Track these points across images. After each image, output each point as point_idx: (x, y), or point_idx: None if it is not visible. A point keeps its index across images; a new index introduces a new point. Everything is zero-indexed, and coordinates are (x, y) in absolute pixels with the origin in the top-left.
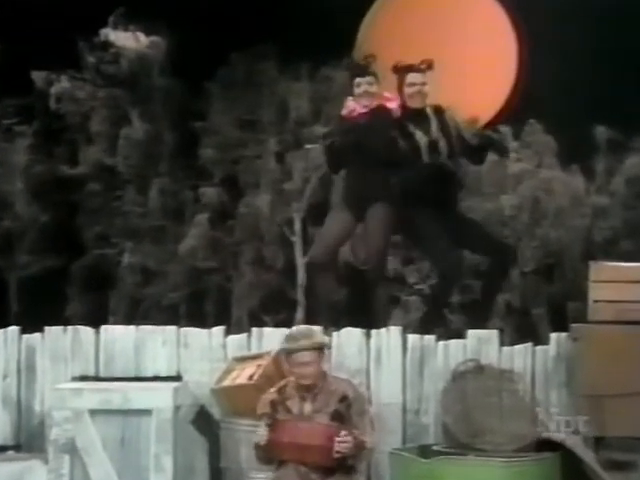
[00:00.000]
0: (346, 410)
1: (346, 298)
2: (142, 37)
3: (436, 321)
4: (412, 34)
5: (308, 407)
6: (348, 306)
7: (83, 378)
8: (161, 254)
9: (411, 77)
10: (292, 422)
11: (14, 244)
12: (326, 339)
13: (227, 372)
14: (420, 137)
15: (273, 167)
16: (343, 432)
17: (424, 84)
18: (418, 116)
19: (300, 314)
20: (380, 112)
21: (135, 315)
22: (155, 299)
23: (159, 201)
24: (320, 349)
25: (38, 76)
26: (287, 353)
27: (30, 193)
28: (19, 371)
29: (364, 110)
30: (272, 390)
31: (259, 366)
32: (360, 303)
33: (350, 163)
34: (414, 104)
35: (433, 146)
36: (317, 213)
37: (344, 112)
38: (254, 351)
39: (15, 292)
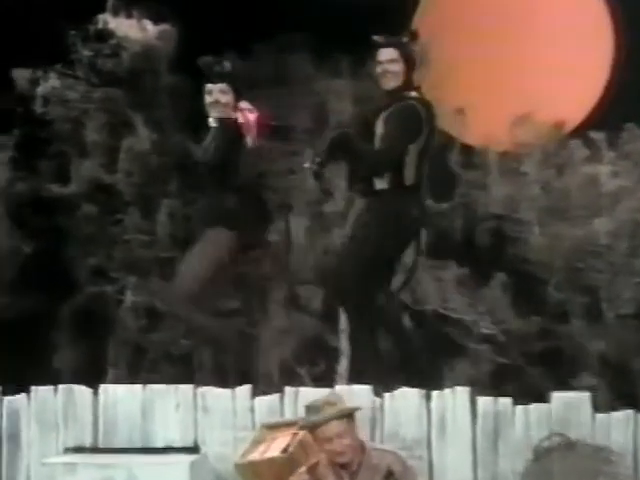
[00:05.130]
0: None
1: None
2: (149, 25)
3: (511, 377)
4: (482, 25)
5: None
6: (403, 359)
7: (78, 450)
8: (171, 292)
9: (380, 54)
10: None
11: None
12: (356, 404)
13: (255, 443)
14: (378, 127)
15: (309, 185)
16: None
17: (392, 61)
18: (387, 101)
19: (343, 366)
20: (229, 127)
21: (140, 367)
22: (164, 348)
23: (168, 227)
24: (350, 416)
25: (20, 74)
26: (312, 428)
27: (9, 218)
28: (0, 441)
29: (215, 124)
30: (301, 470)
31: (295, 435)
32: (418, 355)
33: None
34: (385, 86)
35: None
36: None
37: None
38: (288, 416)
39: None
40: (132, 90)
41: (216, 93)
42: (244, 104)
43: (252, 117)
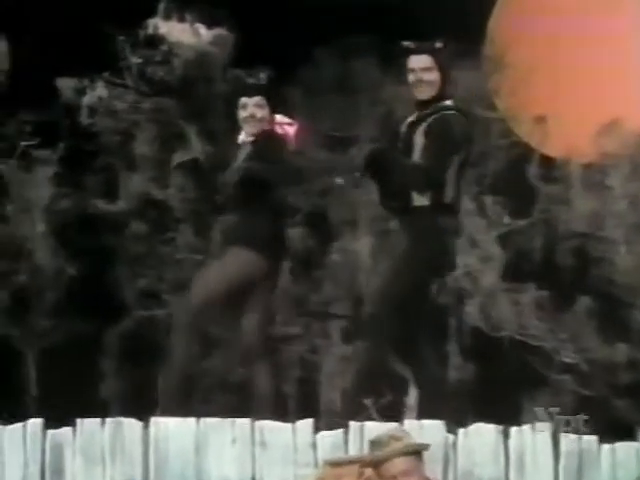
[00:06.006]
0: None
1: (474, 378)
2: (203, 30)
3: (597, 411)
4: (563, 26)
5: None
6: (478, 390)
7: None
8: (226, 316)
9: (412, 61)
10: None
11: (32, 305)
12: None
13: None
14: (417, 140)
15: (375, 199)
16: None
17: (426, 70)
18: (422, 112)
19: (412, 397)
20: (267, 142)
21: (193, 397)
22: (219, 376)
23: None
24: (418, 453)
25: (65, 84)
26: (375, 465)
27: (53, 237)
28: (43, 477)
29: (249, 139)
30: None
31: (361, 473)
32: (494, 386)
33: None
34: (419, 96)
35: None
36: None
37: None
38: (353, 453)
39: (34, 369)
40: (185, 100)
41: (251, 107)
42: (281, 117)
43: (291, 130)
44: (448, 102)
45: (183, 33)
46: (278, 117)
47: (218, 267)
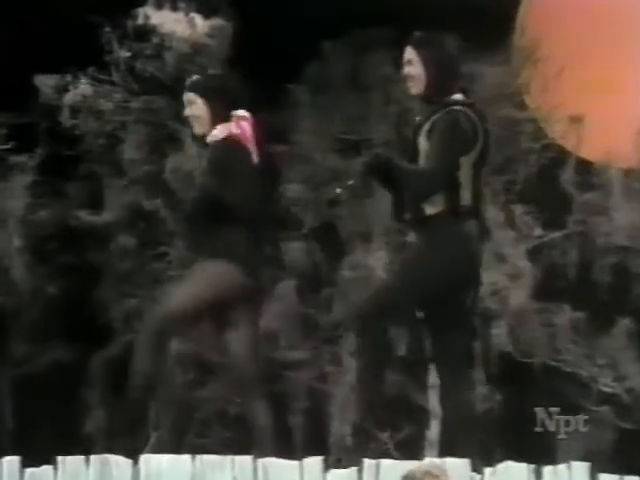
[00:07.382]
0: None
1: (503, 409)
2: (198, 20)
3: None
4: (601, 17)
5: None
6: (507, 424)
7: None
8: (224, 340)
9: (405, 54)
10: None
11: (7, 328)
12: None
13: None
14: (421, 142)
15: (388, 210)
16: None
17: (408, 62)
18: (427, 111)
19: (434, 431)
20: (227, 144)
21: (188, 429)
22: (216, 406)
23: None
24: None
25: (44, 81)
26: None
27: (30, 252)
28: None
29: (211, 141)
30: None
31: None
32: (523, 419)
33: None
34: (411, 91)
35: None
36: None
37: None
38: None
39: (10, 400)
40: (178, 98)
41: (186, 104)
42: (239, 113)
43: (247, 125)
44: (457, 96)
45: (176, 24)
46: (237, 113)
47: (189, 281)
